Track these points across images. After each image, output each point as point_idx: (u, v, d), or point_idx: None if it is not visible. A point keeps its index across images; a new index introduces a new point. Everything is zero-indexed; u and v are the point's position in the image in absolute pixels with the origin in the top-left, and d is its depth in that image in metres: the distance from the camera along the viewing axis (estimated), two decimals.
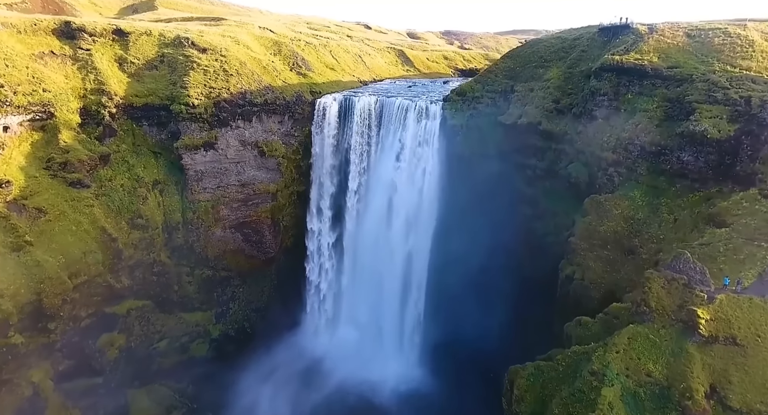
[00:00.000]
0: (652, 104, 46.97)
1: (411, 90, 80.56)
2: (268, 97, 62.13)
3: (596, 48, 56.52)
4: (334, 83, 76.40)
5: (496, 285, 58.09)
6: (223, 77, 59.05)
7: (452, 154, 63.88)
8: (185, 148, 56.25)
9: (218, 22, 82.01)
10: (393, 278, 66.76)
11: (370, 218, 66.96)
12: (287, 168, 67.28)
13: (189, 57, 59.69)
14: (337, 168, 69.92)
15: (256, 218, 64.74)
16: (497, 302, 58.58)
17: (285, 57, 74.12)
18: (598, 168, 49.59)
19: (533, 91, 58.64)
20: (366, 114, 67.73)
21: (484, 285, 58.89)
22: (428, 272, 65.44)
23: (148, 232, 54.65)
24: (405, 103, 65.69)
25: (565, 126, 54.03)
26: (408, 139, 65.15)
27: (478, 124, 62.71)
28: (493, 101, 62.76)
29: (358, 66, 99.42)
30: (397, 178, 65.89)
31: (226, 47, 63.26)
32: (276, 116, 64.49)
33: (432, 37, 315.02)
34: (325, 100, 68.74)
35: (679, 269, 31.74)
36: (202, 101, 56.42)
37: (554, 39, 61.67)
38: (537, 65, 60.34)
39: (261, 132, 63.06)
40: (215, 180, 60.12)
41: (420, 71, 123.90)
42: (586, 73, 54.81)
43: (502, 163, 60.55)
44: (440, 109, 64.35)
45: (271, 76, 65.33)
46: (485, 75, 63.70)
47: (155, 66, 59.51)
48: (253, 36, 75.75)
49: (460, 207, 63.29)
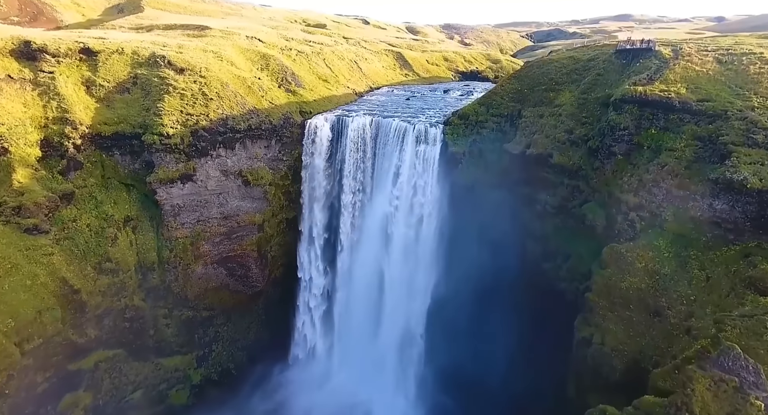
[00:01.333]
0: (679, 142, 41.31)
1: (409, 104, 74.73)
2: (253, 122, 56.26)
3: (614, 72, 50.72)
4: (327, 99, 70.50)
5: (502, 330, 52.84)
6: (201, 102, 53.10)
7: (454, 183, 58.43)
8: (159, 182, 50.45)
9: (202, 31, 75.79)
10: (390, 314, 61.45)
11: (366, 249, 61.56)
12: (275, 195, 61.65)
13: (165, 79, 53.69)
14: (330, 194, 64.40)
15: (241, 252, 59.21)
16: (503, 349, 53.37)
17: (273, 72, 68.11)
18: (618, 211, 44.04)
19: (543, 118, 52.89)
20: (360, 137, 62.08)
21: (489, 329, 53.66)
22: (428, 310, 60.09)
23: (119, 276, 49.03)
24: (402, 125, 60.00)
25: (580, 160, 48.38)
26: (406, 165, 59.58)
27: (482, 152, 57.09)
28: (498, 126, 57.06)
29: (354, 74, 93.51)
30: (394, 207, 60.47)
31: (206, 66, 57.22)
32: (262, 141, 58.70)
33: (432, 32, 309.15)
34: (316, 121, 62.98)
35: (727, 367, 26.37)
36: (177, 130, 50.53)
37: (566, 59, 55.75)
38: (547, 88, 54.51)
39: (245, 159, 57.27)
40: (194, 214, 54.41)
41: (419, 75, 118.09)
42: (602, 100, 49.07)
43: (508, 195, 55.03)
44: (440, 134, 58.73)
45: (256, 96, 59.38)
46: (489, 97, 57.79)
47: (127, 89, 53.55)
48: (239, 49, 69.66)
49: (463, 240, 57.99)
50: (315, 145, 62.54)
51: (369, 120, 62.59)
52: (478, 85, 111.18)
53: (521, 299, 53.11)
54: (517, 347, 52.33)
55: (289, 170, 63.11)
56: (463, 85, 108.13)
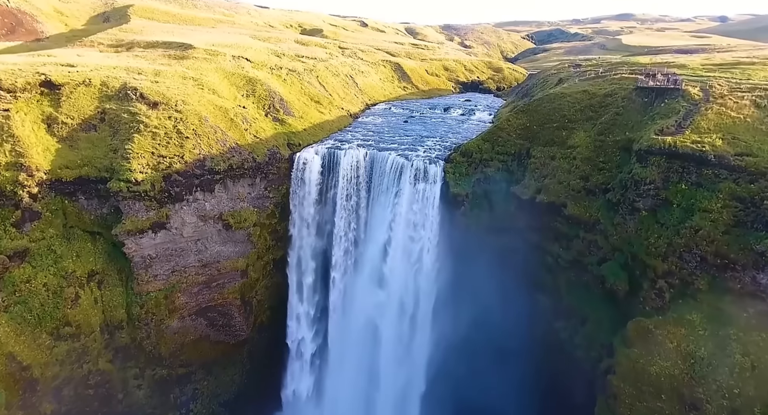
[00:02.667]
0: (715, 203, 35.82)
1: (407, 129, 69.19)
2: (234, 161, 50.65)
3: (634, 111, 45.15)
4: (318, 127, 64.84)
5: (510, 393, 47.58)
6: (176, 141, 47.45)
7: (455, 226, 53.00)
8: (127, 233, 44.82)
9: (185, 51, 69.99)
10: (385, 370, 56.00)
11: (360, 298, 56.05)
12: (260, 236, 56.09)
13: (136, 115, 48.04)
14: (321, 234, 58.79)
15: (222, 301, 53.68)
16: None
17: (260, 99, 62.41)
18: (643, 276, 38.61)
19: (555, 160, 47.38)
20: (353, 172, 56.56)
21: (496, 392, 48.28)
22: (426, 369, 54.64)
23: (80, 340, 43.55)
24: (399, 161, 54.50)
25: (597, 212, 42.90)
26: (403, 205, 54.06)
27: (487, 193, 51.66)
28: (504, 166, 51.56)
29: (349, 90, 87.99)
30: (390, 251, 54.99)
31: (183, 99, 51.53)
32: (245, 180, 53.09)
33: (431, 33, 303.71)
34: (305, 155, 57.39)
35: None
36: (148, 175, 44.89)
37: (579, 93, 50.13)
38: (559, 126, 48.97)
39: (226, 201, 51.67)
40: (169, 264, 48.84)
41: (418, 88, 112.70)
42: (623, 144, 43.58)
43: (516, 242, 49.74)
44: (441, 171, 53.20)
45: (239, 130, 53.71)
46: (495, 132, 52.24)
47: (94, 126, 47.91)
48: (223, 73, 63.93)
49: (464, 288, 52.57)
50: (304, 182, 57.02)
51: (363, 153, 57.09)
52: (480, 99, 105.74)
53: (532, 358, 47.89)
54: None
55: (276, 207, 57.55)
56: (464, 99, 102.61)
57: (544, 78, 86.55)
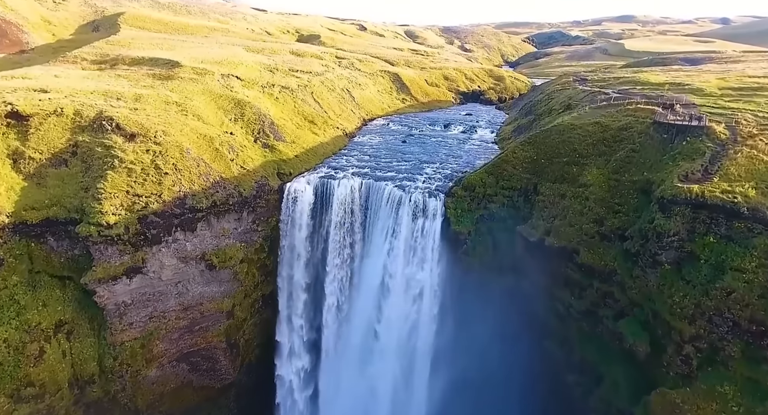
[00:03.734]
0: (749, 261, 31.81)
1: (405, 152, 65.24)
2: (218, 197, 46.60)
3: (653, 149, 41.08)
4: (312, 151, 60.74)
5: None
6: (154, 177, 43.40)
7: (456, 265, 49.09)
8: (98, 281, 40.78)
9: (172, 69, 65.92)
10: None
11: (353, 341, 52.14)
12: (248, 273, 52.09)
13: (110, 148, 43.99)
14: (313, 271, 54.83)
15: (206, 345, 49.74)
16: None
17: (249, 123, 58.35)
18: (667, 337, 34.59)
19: (565, 199, 43.34)
20: (347, 205, 52.66)
21: None
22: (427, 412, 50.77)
23: (44, 400, 39.56)
24: (396, 194, 50.58)
25: (614, 261, 38.88)
26: (400, 242, 50.16)
27: (491, 231, 47.67)
28: (510, 202, 47.52)
29: (346, 106, 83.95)
30: (387, 291, 51.06)
31: (164, 129, 47.46)
32: (231, 214, 49.07)
33: (431, 36, 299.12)
34: (297, 185, 53.39)
35: None
36: (121, 217, 40.85)
37: (591, 125, 46.04)
38: (569, 161, 44.92)
39: (210, 239, 47.64)
40: (146, 310, 44.84)
41: (417, 100, 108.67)
42: (640, 186, 39.54)
43: (523, 285, 45.78)
44: (441, 206, 49.22)
45: (224, 161, 49.66)
46: (499, 165, 48.20)
47: (65, 161, 43.88)
48: (211, 95, 59.84)
49: (466, 332, 48.70)
50: (295, 215, 53.01)
51: (358, 183, 53.18)
52: (482, 112, 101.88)
53: (541, 410, 43.97)
54: None
55: (266, 241, 53.55)
56: (465, 113, 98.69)
57: (548, 94, 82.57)
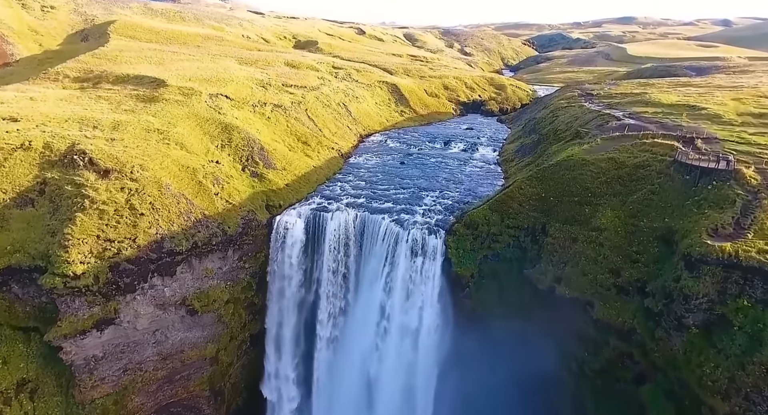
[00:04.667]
0: None
1: (403, 176, 61.58)
2: (200, 237, 42.78)
3: (674, 192, 37.23)
4: (304, 178, 56.87)
5: None
6: (128, 219, 39.57)
7: (458, 308, 45.34)
8: (64, 337, 36.96)
9: (157, 89, 62.07)
10: None
11: (346, 391, 48.36)
12: (234, 314, 48.36)
13: (81, 187, 40.16)
14: (304, 311, 51.09)
15: (187, 395, 45.95)
16: None
17: (237, 149, 54.52)
18: (695, 412, 30.75)
19: (577, 243, 39.51)
20: (341, 240, 48.90)
21: None
22: None
23: None
24: (393, 230, 46.84)
25: (633, 318, 35.07)
26: (398, 283, 46.37)
27: (496, 273, 43.90)
28: (516, 242, 43.70)
29: (342, 123, 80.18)
30: (383, 334, 47.34)
31: (141, 163, 43.63)
32: (216, 254, 45.28)
33: (431, 39, 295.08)
34: (287, 218, 49.60)
35: None
36: (90, 266, 37.03)
37: (604, 161, 42.16)
38: (581, 200, 41.08)
39: (191, 282, 43.84)
40: (120, 363, 41.05)
41: (416, 112, 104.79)
42: (661, 234, 35.70)
43: (530, 333, 41.78)
44: (441, 244, 45.42)
45: (208, 196, 45.82)
46: (504, 202, 44.35)
47: (31, 200, 40.04)
48: (196, 120, 55.97)
49: (469, 380, 44.88)
50: (285, 251, 49.25)
51: (353, 216, 49.44)
52: (483, 126, 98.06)
53: None
54: None
55: (254, 278, 49.81)
56: (466, 127, 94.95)
57: (552, 111, 78.73)
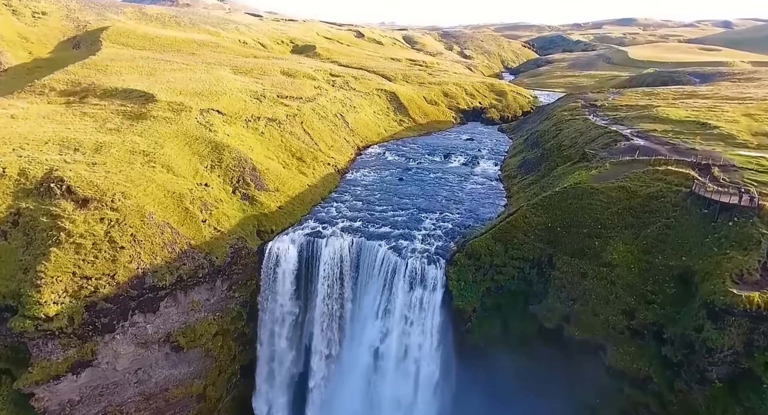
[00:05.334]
0: None
1: (401, 194, 59.11)
2: (185, 270, 40.12)
3: (691, 228, 34.56)
4: (298, 199, 54.22)
5: None
6: (107, 254, 36.90)
7: (459, 343, 42.67)
8: (36, 383, 34.29)
9: (145, 105, 59.39)
10: None
11: None
12: (222, 346, 45.76)
13: (57, 218, 37.48)
14: (297, 342, 48.51)
15: None
16: None
17: (227, 170, 51.86)
18: None
19: (586, 279, 36.87)
20: (336, 268, 46.30)
21: None
22: None
23: None
24: (392, 259, 44.28)
25: (649, 366, 32.42)
26: (395, 314, 43.72)
27: (500, 307, 41.31)
28: (521, 274, 41.06)
29: (339, 135, 77.62)
30: (379, 369, 44.74)
31: (124, 190, 40.95)
32: (204, 285, 42.65)
33: (430, 42, 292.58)
34: (279, 245, 47.00)
35: None
36: (65, 306, 34.38)
37: (615, 190, 39.46)
38: (590, 232, 38.43)
39: (176, 316, 41.19)
40: (98, 406, 38.44)
41: (415, 121, 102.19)
42: (678, 272, 33.07)
43: (537, 373, 39.18)
44: (442, 275, 42.77)
45: (195, 224, 43.15)
46: (508, 231, 41.69)
47: (3, 233, 37.40)
48: (185, 139, 53.28)
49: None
50: (277, 280, 46.65)
51: (348, 242, 46.87)
52: (484, 135, 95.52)
53: None
54: None
55: (244, 307, 47.24)
56: (466, 138, 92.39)
57: (556, 124, 76.10)
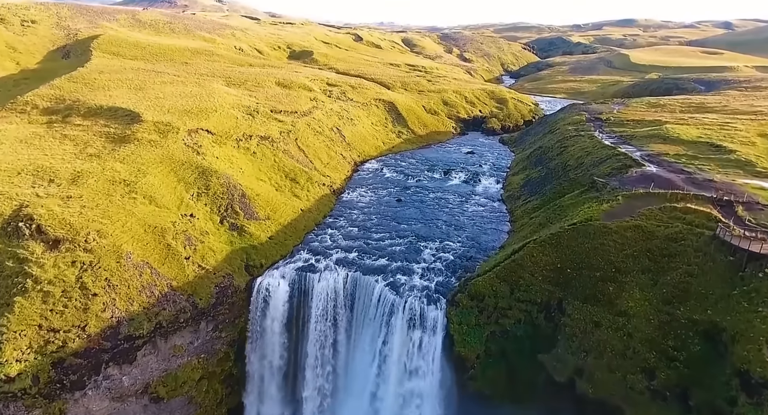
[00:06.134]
0: None
1: (400, 218, 56.42)
2: (165, 315, 36.96)
3: (716, 277, 31.39)
4: (290, 228, 51.16)
5: None
6: (78, 302, 33.73)
7: (462, 390, 39.46)
8: None
9: (131, 126, 56.18)
10: None
11: None
12: (208, 391, 42.63)
13: (24, 262, 34.33)
14: (288, 386, 45.37)
15: None
16: None
17: (215, 197, 48.72)
18: None
19: (600, 329, 33.70)
20: (330, 305, 43.18)
21: None
22: None
23: None
24: (389, 297, 41.32)
25: None
26: (393, 358, 40.62)
27: (505, 353, 38.11)
28: (528, 318, 37.85)
29: (335, 151, 74.65)
30: (374, 410, 41.65)
31: (99, 228, 37.79)
32: (187, 328, 39.45)
33: (429, 44, 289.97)
34: (269, 280, 43.98)
35: None
36: (29, 364, 31.21)
37: (630, 229, 36.25)
38: (603, 275, 35.26)
39: (156, 364, 38.00)
40: None
41: (414, 132, 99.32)
42: (704, 328, 29.91)
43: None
44: (442, 317, 39.67)
45: (177, 262, 39.99)
46: (514, 270, 38.54)
47: None
48: (171, 164, 50.08)
49: None
50: (266, 318, 43.57)
51: (343, 277, 43.86)
52: (485, 148, 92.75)
53: None
54: None
55: (232, 347, 44.14)
56: (467, 151, 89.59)
57: (560, 140, 73.09)
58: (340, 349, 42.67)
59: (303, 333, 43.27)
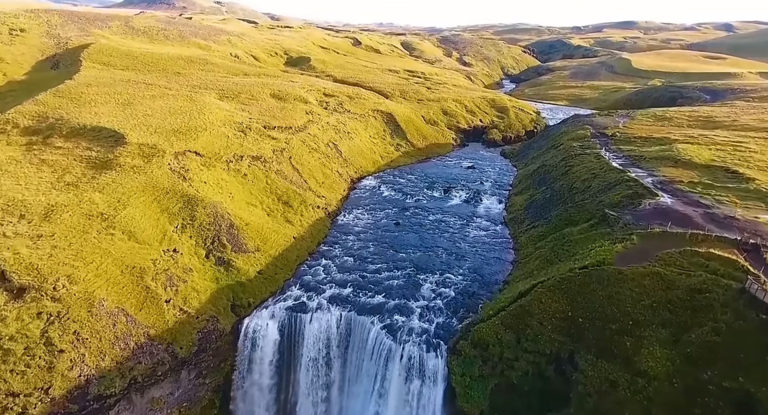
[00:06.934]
0: None
1: (397, 246, 53.66)
2: (141, 369, 33.70)
3: (746, 338, 28.10)
4: (281, 259, 47.93)
5: None
6: (42, 360, 30.46)
7: None
8: None
9: (114, 149, 52.94)
10: None
11: None
12: None
13: None
14: None
15: None
16: None
17: (201, 229, 45.47)
18: None
19: (617, 389, 30.45)
20: (322, 348, 40.06)
21: None
22: None
23: None
24: (386, 343, 38.26)
25: None
26: (389, 410, 37.38)
27: (511, 407, 34.79)
28: (537, 370, 34.57)
29: (331, 169, 71.64)
30: None
31: (71, 272, 34.53)
32: (166, 380, 36.17)
33: (429, 48, 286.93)
34: (257, 322, 40.84)
35: None
36: None
37: (648, 277, 32.93)
38: (618, 328, 32.01)
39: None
40: None
41: (413, 145, 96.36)
42: (737, 397, 26.66)
43: None
44: (443, 366, 36.45)
45: (156, 307, 36.72)
46: (521, 317, 35.29)
47: None
48: (154, 193, 46.81)
49: None
50: (254, 363, 40.26)
51: (336, 317, 40.72)
52: (486, 162, 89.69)
53: None
54: None
55: (217, 393, 40.89)
56: (468, 166, 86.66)
57: (564, 158, 69.97)
58: (333, 400, 39.44)
59: (294, 380, 40.11)
